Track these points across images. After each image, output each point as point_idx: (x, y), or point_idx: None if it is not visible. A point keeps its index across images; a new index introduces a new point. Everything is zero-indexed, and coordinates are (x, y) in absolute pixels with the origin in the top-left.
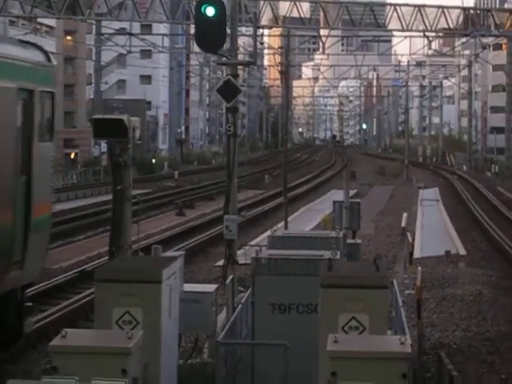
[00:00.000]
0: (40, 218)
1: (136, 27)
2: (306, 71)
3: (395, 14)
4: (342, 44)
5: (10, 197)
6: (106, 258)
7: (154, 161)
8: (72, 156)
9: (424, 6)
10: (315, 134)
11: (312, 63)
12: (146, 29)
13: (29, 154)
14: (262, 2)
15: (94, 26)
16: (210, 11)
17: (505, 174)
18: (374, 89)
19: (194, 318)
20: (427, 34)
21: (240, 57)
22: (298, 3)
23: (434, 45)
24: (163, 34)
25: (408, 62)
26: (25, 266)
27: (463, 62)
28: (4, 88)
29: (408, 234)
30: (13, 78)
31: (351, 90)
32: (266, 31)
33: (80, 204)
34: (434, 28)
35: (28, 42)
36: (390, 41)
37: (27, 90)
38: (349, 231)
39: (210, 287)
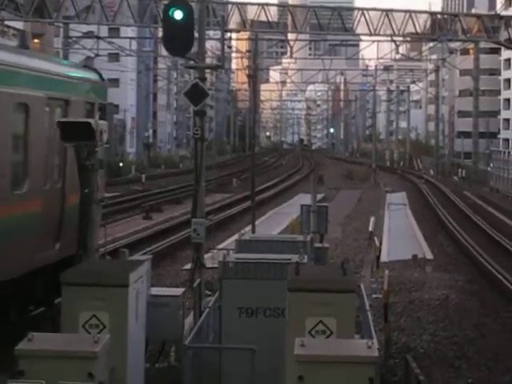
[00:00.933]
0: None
1: (104, 30)
2: (274, 75)
3: (363, 19)
4: (310, 48)
5: None
6: None
7: (121, 164)
8: None
9: (391, 10)
10: (283, 137)
11: (280, 67)
12: (114, 32)
13: None
14: (230, 6)
15: (61, 29)
16: (178, 14)
17: (472, 179)
18: (342, 93)
19: (161, 321)
20: (395, 38)
21: (208, 60)
22: (265, 7)
23: (402, 49)
24: (131, 38)
25: (375, 66)
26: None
27: (430, 66)
28: (77, 101)
29: (375, 237)
30: (82, 94)
31: (319, 94)
32: (233, 35)
33: None
34: (401, 32)
35: (89, 67)
36: (357, 45)
37: (90, 102)
38: (316, 235)
39: (178, 291)
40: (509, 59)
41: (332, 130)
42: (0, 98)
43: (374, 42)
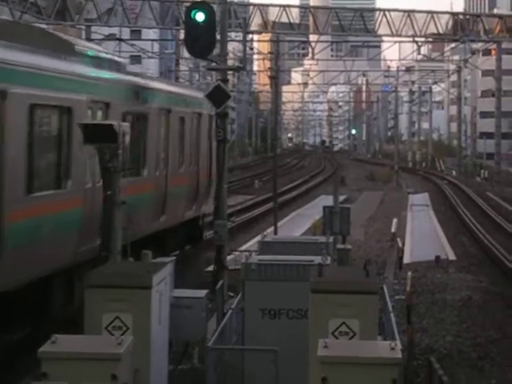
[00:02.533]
0: (212, 179)
1: (125, 33)
2: (296, 76)
3: (384, 19)
4: (332, 49)
5: (207, 167)
6: None
7: None
8: None
9: (413, 11)
10: (304, 139)
11: (301, 68)
12: (136, 34)
13: (210, 146)
14: (251, 8)
15: (83, 32)
16: (200, 16)
17: (494, 180)
18: (364, 94)
19: (184, 323)
20: (416, 39)
21: (229, 62)
22: (287, 9)
23: (423, 50)
24: (153, 40)
25: (397, 67)
26: (207, 203)
27: (452, 67)
28: (204, 114)
29: (398, 239)
30: (206, 108)
31: (340, 95)
32: (255, 36)
33: None
34: (423, 33)
35: (199, 89)
36: (379, 46)
37: (209, 114)
38: (339, 236)
39: (200, 293)
40: None
41: (354, 132)
42: (174, 114)
43: (395, 42)
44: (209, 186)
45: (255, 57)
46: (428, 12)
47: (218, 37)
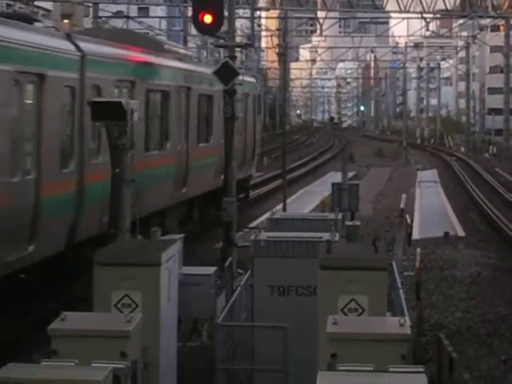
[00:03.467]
0: (256, 145)
1: (133, 10)
2: (304, 53)
3: None
4: (340, 26)
5: (253, 135)
6: None
7: None
8: None
9: None
10: (313, 116)
11: (309, 45)
12: (143, 12)
13: (255, 119)
14: None
15: (91, 9)
16: None
17: (503, 156)
18: (372, 70)
19: (193, 300)
20: (425, 15)
21: (237, 39)
22: None
23: (432, 26)
24: (160, 17)
25: (405, 43)
26: (252, 166)
27: (461, 43)
28: (252, 94)
29: (406, 215)
30: (253, 90)
31: (349, 71)
32: (263, 13)
33: None
34: (431, 9)
35: (250, 75)
36: (387, 22)
37: (254, 95)
38: (347, 213)
39: (209, 270)
40: None
41: (362, 108)
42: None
43: (403, 19)
44: (253, 151)
45: (263, 34)
46: None
47: (226, 13)
